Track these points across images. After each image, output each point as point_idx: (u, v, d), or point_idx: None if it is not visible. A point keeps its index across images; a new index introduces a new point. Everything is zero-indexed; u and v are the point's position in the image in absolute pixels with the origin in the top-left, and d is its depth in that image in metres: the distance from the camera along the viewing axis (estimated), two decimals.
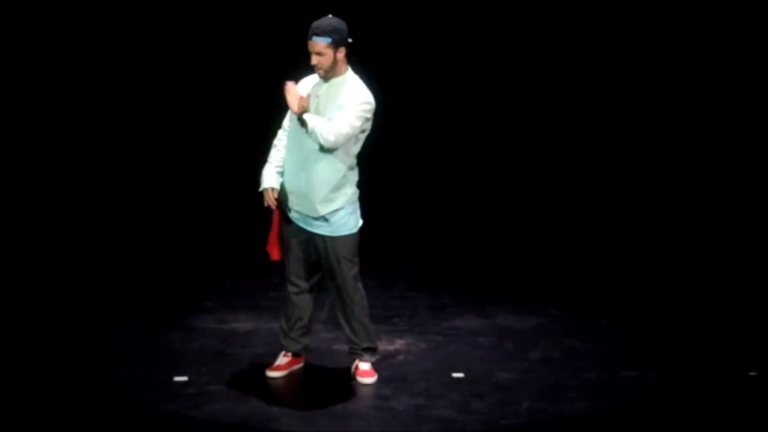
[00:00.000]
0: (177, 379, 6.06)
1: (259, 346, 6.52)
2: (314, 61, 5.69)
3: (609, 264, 8.55)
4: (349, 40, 5.73)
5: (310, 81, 5.85)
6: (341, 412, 5.66)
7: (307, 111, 5.64)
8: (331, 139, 5.59)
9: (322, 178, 5.73)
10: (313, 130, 5.57)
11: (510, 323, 7.23)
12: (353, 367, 6.13)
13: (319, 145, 5.64)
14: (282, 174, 5.88)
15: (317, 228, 5.83)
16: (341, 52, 5.70)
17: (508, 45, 9.13)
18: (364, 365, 6.12)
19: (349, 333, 6.07)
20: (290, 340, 6.13)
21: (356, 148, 5.80)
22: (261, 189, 5.89)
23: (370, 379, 6.08)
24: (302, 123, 5.60)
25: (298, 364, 6.21)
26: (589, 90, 9.14)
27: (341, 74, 5.76)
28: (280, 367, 6.15)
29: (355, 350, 6.11)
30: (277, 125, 5.99)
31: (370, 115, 5.73)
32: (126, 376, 6.11)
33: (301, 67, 5.84)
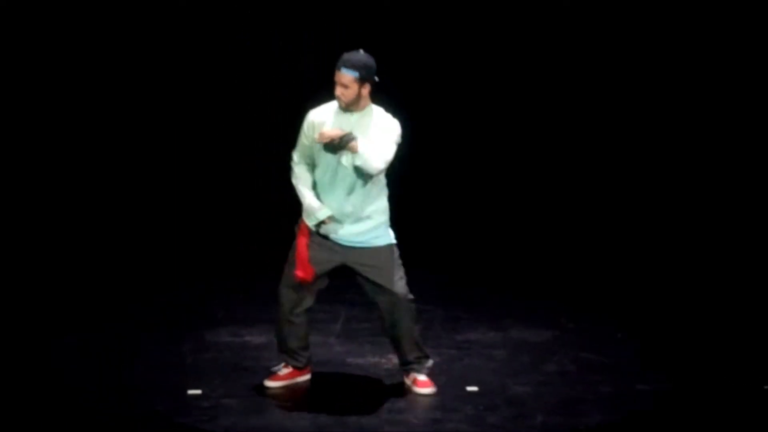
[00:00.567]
0: (191, 392, 6.06)
1: (272, 360, 6.50)
2: (338, 92, 5.74)
3: (624, 277, 8.54)
4: (376, 79, 5.77)
5: (329, 110, 5.87)
6: (355, 426, 5.65)
7: (351, 134, 5.71)
8: (380, 167, 5.74)
9: (370, 197, 5.85)
10: (363, 155, 5.67)
11: (524, 336, 7.22)
12: (410, 380, 6.13)
13: (354, 168, 5.73)
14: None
15: (365, 243, 5.88)
16: (366, 89, 5.75)
17: (508, 45, 9.10)
18: (422, 376, 6.13)
19: (401, 352, 6.11)
20: (297, 357, 6.15)
21: None
22: (321, 218, 5.84)
23: (430, 389, 6.10)
24: (349, 147, 5.67)
25: (302, 376, 6.23)
26: (598, 93, 9.10)
27: (364, 108, 5.81)
28: (280, 377, 6.18)
29: (410, 367, 6.14)
30: (277, 125, 5.99)
31: (400, 140, 5.84)
32: (140, 389, 6.11)
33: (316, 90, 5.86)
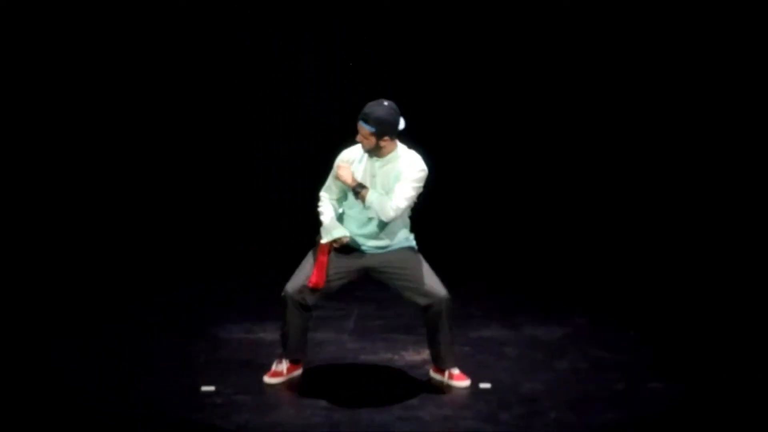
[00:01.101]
0: (204, 388, 6.08)
1: None
2: (359, 139, 5.92)
3: (637, 274, 8.53)
4: (401, 127, 5.89)
5: (359, 152, 6.04)
6: (368, 422, 5.66)
7: (361, 185, 5.89)
8: (391, 215, 5.88)
9: (394, 229, 6.03)
10: (371, 206, 5.86)
11: (537, 334, 7.22)
12: (446, 376, 6.21)
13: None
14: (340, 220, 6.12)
15: (388, 249, 6.03)
16: (385, 140, 5.87)
17: (509, 45, 9.08)
18: (456, 370, 6.22)
19: (436, 352, 6.19)
20: (297, 350, 6.23)
21: None
22: (335, 236, 5.99)
23: (467, 382, 6.19)
24: (359, 197, 5.89)
25: (297, 371, 6.30)
26: (605, 95, 9.07)
27: (388, 154, 5.95)
28: (279, 373, 6.24)
29: (443, 366, 6.23)
30: (277, 125, 6.00)
31: (423, 183, 5.96)
32: (153, 386, 6.14)
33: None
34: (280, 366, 6.25)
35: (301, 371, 6.31)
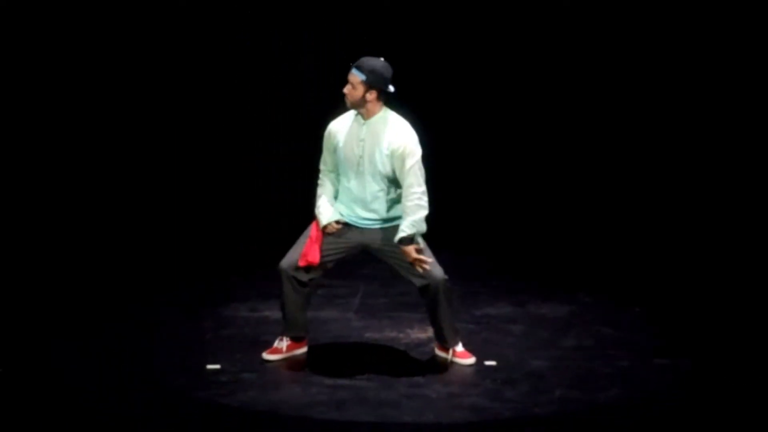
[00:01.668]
0: (210, 366, 6.08)
1: None
2: (345, 89, 5.90)
3: (642, 251, 8.52)
4: (390, 89, 5.87)
5: (346, 119, 6.02)
6: (374, 400, 5.67)
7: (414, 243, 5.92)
8: (425, 205, 5.91)
9: (393, 202, 6.01)
10: (419, 229, 5.90)
11: (542, 311, 7.22)
12: (450, 354, 6.19)
13: (374, 177, 5.93)
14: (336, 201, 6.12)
15: (384, 224, 6.01)
16: (372, 94, 5.86)
17: (508, 44, 9.08)
18: (460, 347, 6.22)
19: (438, 330, 6.18)
20: (296, 327, 6.22)
21: None
22: (323, 223, 6.01)
23: (472, 360, 6.19)
24: (407, 247, 5.90)
25: (299, 349, 6.29)
26: (614, 89, 9.06)
27: (375, 114, 5.91)
28: (278, 350, 6.25)
29: (446, 344, 6.23)
30: (277, 125, 5.99)
31: (420, 153, 5.94)
32: (158, 364, 6.15)
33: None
34: (281, 343, 6.25)
35: (304, 350, 6.30)
